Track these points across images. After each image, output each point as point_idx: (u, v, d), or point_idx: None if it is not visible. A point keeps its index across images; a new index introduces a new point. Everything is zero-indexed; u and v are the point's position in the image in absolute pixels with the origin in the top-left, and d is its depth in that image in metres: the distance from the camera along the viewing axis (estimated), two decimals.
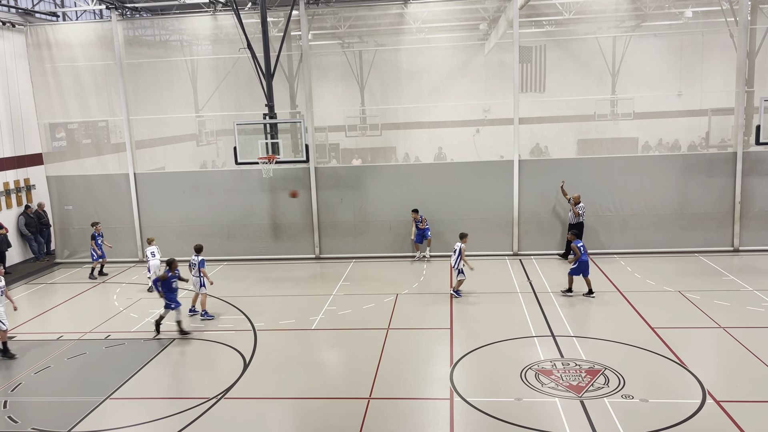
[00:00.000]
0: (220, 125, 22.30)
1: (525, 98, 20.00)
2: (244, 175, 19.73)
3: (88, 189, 20.56)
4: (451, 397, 10.26)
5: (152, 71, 21.35)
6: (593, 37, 21.90)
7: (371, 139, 23.61)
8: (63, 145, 21.02)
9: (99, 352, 13.01)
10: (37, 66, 20.31)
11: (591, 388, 10.32)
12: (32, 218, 20.67)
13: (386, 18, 20.19)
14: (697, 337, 12.50)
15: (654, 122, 23.41)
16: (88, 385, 11.36)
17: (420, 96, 21.80)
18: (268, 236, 20.13)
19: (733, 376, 10.76)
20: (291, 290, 16.76)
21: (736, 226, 18.58)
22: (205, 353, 12.71)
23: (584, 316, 13.81)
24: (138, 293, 17.00)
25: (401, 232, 19.43)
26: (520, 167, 18.96)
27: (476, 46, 22.97)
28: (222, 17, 20.01)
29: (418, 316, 14.32)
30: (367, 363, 11.71)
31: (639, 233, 18.88)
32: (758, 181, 18.42)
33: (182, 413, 10.08)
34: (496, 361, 11.70)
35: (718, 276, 16.48)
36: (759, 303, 14.19)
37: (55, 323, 14.88)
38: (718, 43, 20.72)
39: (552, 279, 16.62)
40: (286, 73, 20.75)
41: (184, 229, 19.40)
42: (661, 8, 20.93)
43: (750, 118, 18.43)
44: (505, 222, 19.21)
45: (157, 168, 21.58)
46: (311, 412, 10.14)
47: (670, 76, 22.38)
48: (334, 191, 19.76)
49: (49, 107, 20.55)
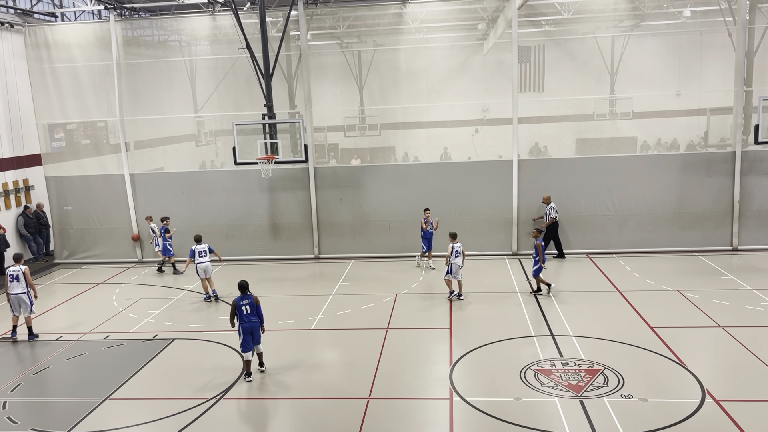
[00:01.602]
0: (219, 125, 22.30)
1: (524, 98, 20.00)
2: (243, 176, 19.73)
3: (87, 189, 20.56)
4: (451, 397, 10.27)
5: (151, 71, 21.34)
6: (592, 37, 21.92)
7: (370, 139, 23.61)
8: (62, 145, 21.01)
9: (98, 352, 13.00)
10: (36, 66, 20.30)
11: (590, 388, 10.33)
12: (31, 219, 20.64)
13: (385, 18, 20.19)
14: (696, 337, 12.51)
15: (653, 122, 23.42)
16: (87, 386, 11.35)
17: (419, 96, 21.81)
18: (267, 236, 20.13)
19: (732, 375, 10.77)
20: (290, 290, 16.76)
21: (735, 226, 18.60)
22: (205, 353, 12.71)
23: (583, 315, 13.82)
24: (137, 293, 17.00)
25: (400, 232, 19.42)
26: (519, 167, 18.97)
27: (475, 45, 22.99)
28: (221, 17, 20.01)
29: (418, 315, 14.33)
30: (367, 363, 11.72)
31: (638, 232, 18.90)
32: (757, 180, 18.44)
33: (182, 413, 10.08)
34: (495, 360, 11.71)
35: (717, 275, 16.50)
36: (758, 302, 14.21)
37: (54, 324, 14.87)
38: (717, 42, 20.76)
39: (551, 278, 16.61)
40: (285, 73, 20.75)
41: (183, 229, 19.35)
42: (660, 8, 20.94)
43: (748, 118, 18.45)
44: (504, 221, 19.23)
45: (156, 168, 21.57)
46: (311, 412, 10.14)
47: (668, 76, 22.40)
48: (333, 191, 19.76)
49: (47, 108, 20.54)
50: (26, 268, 13.71)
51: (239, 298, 11.19)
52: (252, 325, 11.16)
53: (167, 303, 16.07)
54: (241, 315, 11.13)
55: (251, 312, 11.19)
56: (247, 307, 11.16)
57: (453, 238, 15.18)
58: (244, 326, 11.12)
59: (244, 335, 11.13)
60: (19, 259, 13.84)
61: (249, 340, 11.14)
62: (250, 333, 11.14)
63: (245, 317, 11.13)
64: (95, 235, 20.61)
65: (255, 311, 11.23)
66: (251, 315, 11.18)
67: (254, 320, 11.19)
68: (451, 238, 15.14)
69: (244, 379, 11.23)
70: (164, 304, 16.01)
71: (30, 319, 13.85)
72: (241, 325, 11.14)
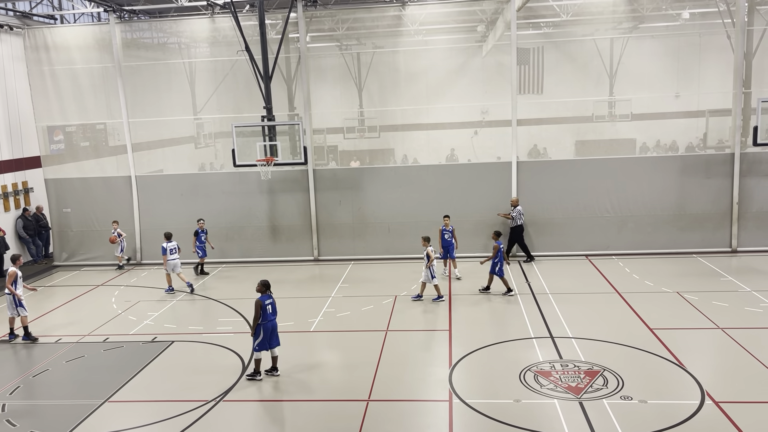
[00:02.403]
0: (218, 127, 22.32)
1: (523, 100, 20.03)
2: (242, 178, 19.73)
3: (86, 192, 20.56)
4: (450, 399, 10.26)
5: (150, 74, 21.38)
6: (591, 39, 21.96)
7: (369, 141, 23.62)
8: (61, 147, 21.02)
9: (97, 354, 12.98)
10: (35, 69, 20.31)
11: (590, 390, 10.32)
12: (30, 221, 20.66)
13: (384, 20, 20.22)
14: (695, 338, 12.51)
15: (652, 123, 23.47)
16: (86, 388, 11.33)
17: (418, 98, 21.84)
18: (266, 238, 20.13)
19: (731, 376, 10.77)
20: (289, 292, 16.75)
21: (734, 227, 18.61)
22: (204, 356, 12.69)
23: (583, 317, 13.81)
24: (136, 296, 16.99)
25: (400, 234, 19.42)
26: (518, 169, 18.98)
27: (474, 47, 23.03)
28: (220, 20, 20.02)
29: (417, 317, 14.32)
30: (366, 365, 11.71)
31: (637, 234, 18.91)
32: (756, 181, 18.46)
33: (181, 416, 10.07)
34: (494, 362, 11.70)
35: (717, 277, 16.50)
36: (757, 303, 14.21)
37: (53, 326, 14.85)
38: (715, 44, 20.81)
39: (551, 280, 16.63)
40: (285, 75, 20.78)
41: (182, 231, 19.36)
42: (659, 10, 20.99)
43: (747, 119, 18.48)
44: (503, 223, 19.21)
45: (156, 170, 21.58)
46: (310, 414, 10.12)
47: (667, 78, 22.46)
48: (332, 193, 19.76)
49: (47, 110, 20.55)
50: (12, 271, 13.59)
51: (263, 297, 11.19)
52: (273, 325, 11.22)
53: (166, 305, 16.07)
54: (265, 314, 11.14)
55: (274, 311, 11.26)
56: (270, 306, 11.21)
57: (428, 241, 15.28)
58: (265, 325, 11.12)
59: (264, 334, 11.12)
60: (14, 260, 13.85)
61: (268, 338, 11.16)
62: (271, 333, 11.17)
63: (269, 316, 11.18)
64: (94, 237, 20.58)
65: (275, 311, 11.33)
66: (273, 314, 11.24)
67: (275, 320, 11.26)
68: (427, 242, 15.20)
69: (255, 379, 11.20)
70: (163, 306, 16.01)
71: (13, 320, 13.78)
72: (263, 323, 11.12)
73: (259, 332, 11.15)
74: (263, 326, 11.14)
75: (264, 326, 11.13)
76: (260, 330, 11.14)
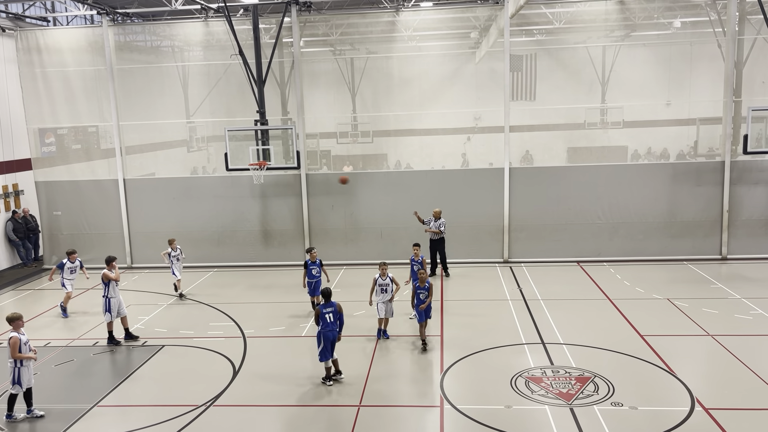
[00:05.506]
0: (211, 131, 22.28)
1: (515, 106, 20.09)
2: (234, 182, 19.68)
3: (77, 195, 20.44)
4: (441, 405, 10.25)
5: (143, 77, 21.30)
6: (583, 47, 22.07)
7: (362, 146, 23.63)
8: (52, 150, 20.90)
9: (87, 358, 12.90)
10: (27, 71, 20.22)
11: (581, 396, 10.34)
12: (20, 224, 20.52)
13: (378, 26, 20.27)
14: (685, 345, 12.57)
15: (643, 131, 23.61)
16: (75, 393, 11.26)
17: (411, 103, 21.87)
18: (258, 243, 20.08)
19: (721, 383, 10.82)
20: (281, 297, 16.70)
21: (724, 235, 18.73)
22: (195, 360, 12.63)
23: (574, 323, 13.84)
24: (127, 300, 16.84)
25: (392, 239, 19.41)
26: (510, 175, 19.04)
27: (467, 54, 23.09)
28: (213, 23, 20.00)
29: (409, 323, 14.29)
30: (357, 370, 11.68)
31: (628, 241, 18.99)
32: (746, 189, 18.60)
33: (171, 420, 10.01)
34: (486, 368, 11.71)
35: (707, 284, 16.59)
36: (747, 311, 14.29)
37: (42, 330, 14.73)
38: (707, 53, 20.97)
39: (542, 286, 16.67)
40: (278, 79, 20.76)
41: (173, 235, 19.24)
42: (650, 18, 21.12)
43: (738, 128, 18.63)
44: (495, 229, 19.28)
45: (147, 174, 21.49)
46: (301, 419, 10.09)
47: (658, 86, 22.59)
48: (325, 198, 19.74)
49: (38, 112, 20.45)
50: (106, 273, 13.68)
51: (323, 306, 11.06)
52: (333, 334, 11.05)
53: (157, 309, 15.98)
54: (325, 323, 10.98)
55: (334, 320, 11.07)
56: (330, 315, 11.02)
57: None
58: (325, 334, 10.96)
59: (325, 343, 10.96)
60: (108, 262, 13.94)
61: (329, 347, 11.01)
62: (330, 341, 11.03)
63: (329, 325, 11.00)
64: (85, 240, 20.44)
65: (338, 319, 11.11)
66: (334, 323, 11.06)
67: (336, 329, 11.08)
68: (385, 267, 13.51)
69: (326, 384, 11.10)
70: (154, 310, 15.92)
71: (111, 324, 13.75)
72: (323, 332, 10.96)
73: (320, 342, 11.01)
74: (322, 335, 10.95)
75: (323, 335, 10.94)
76: (321, 339, 10.99)
